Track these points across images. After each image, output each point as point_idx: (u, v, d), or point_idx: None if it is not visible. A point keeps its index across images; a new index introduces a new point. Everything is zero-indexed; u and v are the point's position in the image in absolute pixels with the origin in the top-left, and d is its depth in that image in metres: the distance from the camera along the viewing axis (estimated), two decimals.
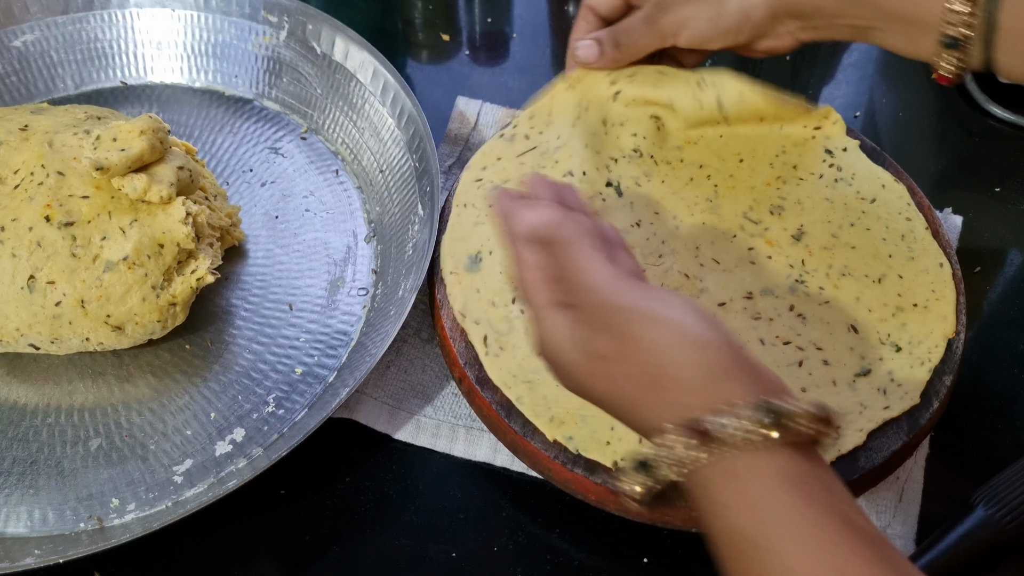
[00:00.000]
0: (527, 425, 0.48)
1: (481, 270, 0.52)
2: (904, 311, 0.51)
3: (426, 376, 0.55)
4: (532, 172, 0.54)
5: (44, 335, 0.52)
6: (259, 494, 0.51)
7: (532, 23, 0.78)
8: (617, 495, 0.42)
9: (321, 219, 0.62)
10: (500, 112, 0.68)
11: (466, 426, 0.53)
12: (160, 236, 0.52)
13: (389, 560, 0.49)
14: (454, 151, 0.66)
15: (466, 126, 0.66)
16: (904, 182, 0.57)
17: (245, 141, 0.66)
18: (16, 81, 0.68)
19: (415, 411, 0.54)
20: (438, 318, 0.52)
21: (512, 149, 0.57)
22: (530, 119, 0.59)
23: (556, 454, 0.47)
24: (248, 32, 0.69)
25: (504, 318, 0.51)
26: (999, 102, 0.70)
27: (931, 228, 0.55)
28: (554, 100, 0.59)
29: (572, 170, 0.56)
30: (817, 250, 0.54)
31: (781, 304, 0.52)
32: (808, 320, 0.51)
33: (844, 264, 0.53)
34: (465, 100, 0.68)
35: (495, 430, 0.50)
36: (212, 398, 0.54)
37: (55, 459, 0.52)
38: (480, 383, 0.49)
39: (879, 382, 0.49)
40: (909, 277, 0.53)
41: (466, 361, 0.50)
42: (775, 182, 0.57)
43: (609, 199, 0.55)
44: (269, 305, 0.58)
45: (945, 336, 0.50)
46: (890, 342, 0.50)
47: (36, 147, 0.53)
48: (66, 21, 0.69)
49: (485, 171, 0.56)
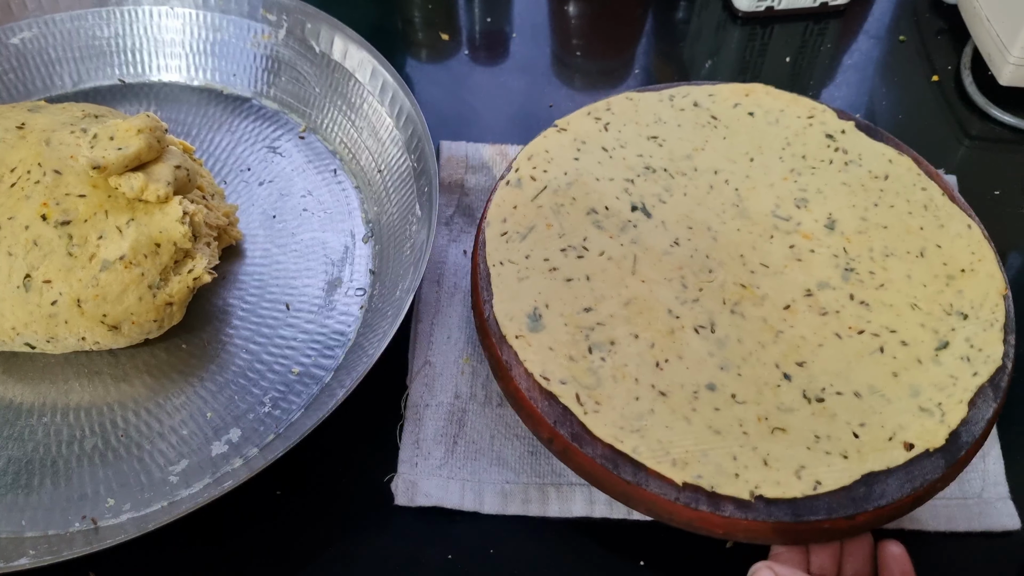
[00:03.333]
0: (638, 473, 0.45)
1: (545, 327, 0.50)
2: (955, 279, 0.52)
3: (497, 442, 0.52)
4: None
5: (40, 334, 0.52)
6: (255, 495, 0.51)
7: (532, 22, 0.78)
8: (747, 523, 0.43)
9: (319, 219, 0.62)
10: (488, 150, 0.66)
11: (555, 484, 0.51)
12: (157, 235, 0.52)
13: (385, 562, 0.49)
14: (452, 199, 0.64)
15: (458, 171, 0.65)
16: (907, 153, 0.59)
17: (243, 140, 0.66)
18: (14, 78, 0.67)
19: (496, 479, 0.51)
20: (509, 380, 0.49)
21: (524, 194, 0.56)
22: (529, 159, 0.58)
23: (677, 496, 0.45)
24: (247, 30, 0.68)
25: (588, 371, 0.49)
26: (999, 105, 0.70)
27: (946, 193, 0.56)
28: (548, 140, 0.59)
29: (594, 207, 0.56)
30: (853, 235, 0.55)
31: (841, 295, 0.52)
32: (871, 306, 0.52)
33: (884, 245, 0.54)
34: (448, 144, 0.66)
35: (600, 484, 0.47)
36: (208, 398, 0.54)
37: (50, 458, 0.52)
38: (576, 440, 0.47)
39: (960, 351, 0.49)
40: (946, 244, 0.54)
41: (555, 420, 0.47)
42: (791, 175, 0.58)
43: (640, 223, 0.55)
44: (266, 305, 0.58)
45: (1000, 293, 0.52)
46: (955, 311, 0.51)
47: (33, 145, 0.53)
48: (64, 18, 0.68)
49: (506, 223, 0.55)
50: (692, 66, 0.75)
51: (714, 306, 0.51)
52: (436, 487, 0.51)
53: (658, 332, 0.50)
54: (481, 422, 0.53)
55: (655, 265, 0.53)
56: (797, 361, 0.49)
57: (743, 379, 0.49)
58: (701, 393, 0.48)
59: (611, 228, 0.55)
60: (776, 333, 0.50)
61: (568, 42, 0.77)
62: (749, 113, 0.61)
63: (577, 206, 0.56)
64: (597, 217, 0.55)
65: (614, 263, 0.53)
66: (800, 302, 0.52)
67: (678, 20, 0.79)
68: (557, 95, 0.72)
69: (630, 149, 0.59)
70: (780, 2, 0.76)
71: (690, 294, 0.52)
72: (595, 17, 0.79)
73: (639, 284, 0.52)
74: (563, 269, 0.53)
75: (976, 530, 0.50)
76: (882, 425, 0.47)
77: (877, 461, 0.46)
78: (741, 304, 0.52)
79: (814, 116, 0.61)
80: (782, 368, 0.49)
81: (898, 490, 0.45)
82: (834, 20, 0.78)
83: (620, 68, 0.75)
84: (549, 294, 0.52)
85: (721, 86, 0.63)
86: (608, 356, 0.49)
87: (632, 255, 0.54)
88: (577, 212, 0.56)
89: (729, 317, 0.51)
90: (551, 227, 0.55)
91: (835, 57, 0.76)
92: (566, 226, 0.55)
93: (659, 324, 0.51)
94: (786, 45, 0.76)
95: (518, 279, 0.52)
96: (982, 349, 0.49)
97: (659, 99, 0.62)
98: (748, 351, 0.50)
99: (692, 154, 0.59)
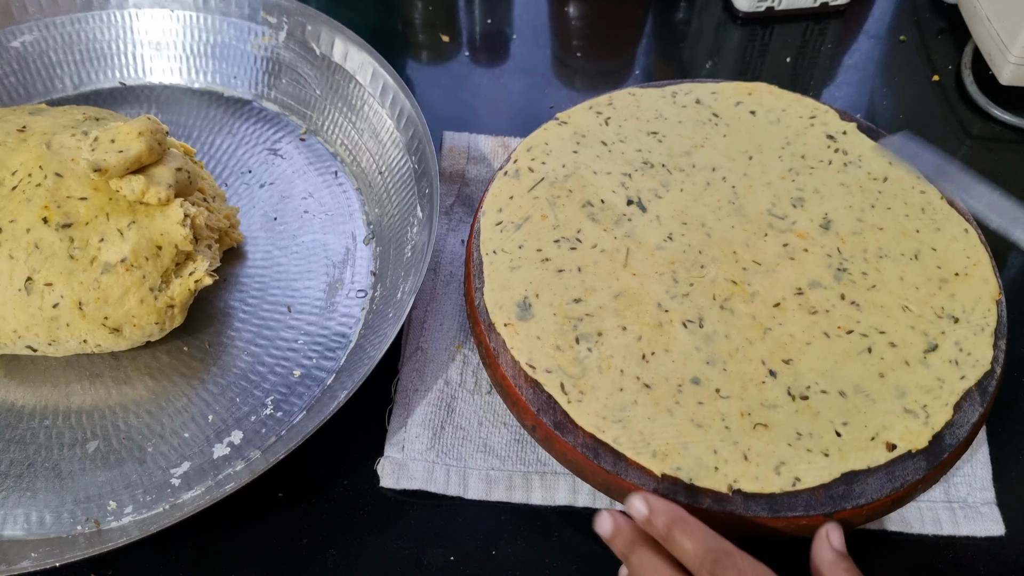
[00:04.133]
0: (619, 463, 0.46)
1: (534, 316, 0.51)
2: (948, 282, 0.53)
3: (484, 429, 0.53)
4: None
5: (41, 337, 0.52)
6: (257, 497, 0.51)
7: (532, 24, 0.78)
8: (724, 516, 0.43)
9: (320, 221, 0.62)
10: (490, 142, 0.67)
11: (539, 472, 0.51)
12: (158, 238, 0.52)
13: (387, 564, 0.49)
14: (452, 189, 0.64)
15: (459, 161, 0.65)
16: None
17: (244, 142, 0.66)
18: (15, 82, 0.67)
19: (482, 466, 0.52)
20: (496, 368, 0.50)
21: (521, 185, 0.57)
22: (528, 151, 0.59)
23: (656, 487, 0.45)
24: (247, 33, 0.68)
25: (574, 361, 0.49)
26: (1000, 104, 0.70)
27: (945, 196, 0.56)
28: (548, 133, 0.60)
29: (590, 199, 0.56)
30: (848, 236, 0.55)
31: (832, 294, 0.52)
32: (862, 307, 0.52)
33: (878, 246, 0.54)
34: (451, 134, 0.67)
35: (581, 473, 0.48)
36: (210, 400, 0.54)
37: (52, 461, 0.52)
38: (559, 428, 0.48)
39: (949, 354, 0.50)
40: (942, 248, 0.54)
41: (538, 408, 0.48)
42: (788, 175, 0.58)
43: (635, 217, 0.55)
44: (267, 307, 0.58)
45: (993, 299, 0.52)
46: (946, 315, 0.51)
47: (34, 148, 0.53)
48: (65, 21, 0.68)
49: (502, 212, 0.56)
50: (692, 67, 0.75)
51: (704, 301, 0.52)
52: (422, 470, 0.51)
53: (646, 325, 0.50)
54: (469, 409, 0.54)
55: (647, 259, 0.53)
56: (784, 359, 0.49)
57: (728, 374, 0.49)
58: (685, 387, 0.48)
59: (605, 221, 0.55)
60: (764, 330, 0.51)
61: (568, 43, 0.77)
62: (751, 112, 0.61)
63: (573, 198, 0.56)
64: (592, 210, 0.56)
65: (606, 256, 0.53)
66: (790, 300, 0.52)
67: (678, 21, 0.79)
68: (557, 96, 0.72)
69: (629, 144, 0.59)
70: (780, 2, 0.76)
71: (680, 289, 0.52)
72: (595, 18, 0.79)
73: (630, 277, 0.53)
74: (555, 260, 0.53)
75: (960, 534, 0.49)
76: (865, 425, 0.47)
77: (858, 460, 0.46)
78: (731, 300, 0.52)
79: (816, 116, 0.61)
80: (768, 365, 0.49)
81: (878, 490, 0.46)
82: (834, 20, 0.78)
83: (620, 69, 0.75)
84: (540, 284, 0.52)
85: (724, 84, 0.63)
86: (595, 347, 0.50)
87: (625, 248, 0.54)
88: (573, 204, 0.56)
89: (718, 313, 0.51)
90: (546, 218, 0.55)
91: (835, 57, 0.76)
92: (561, 218, 0.55)
93: (648, 317, 0.51)
94: (786, 45, 0.76)
95: (510, 268, 0.53)
96: (971, 353, 0.50)
97: (661, 95, 0.62)
98: (735, 347, 0.50)
99: (691, 151, 0.59)
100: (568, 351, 0.50)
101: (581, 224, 0.55)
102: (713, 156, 0.59)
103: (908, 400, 0.48)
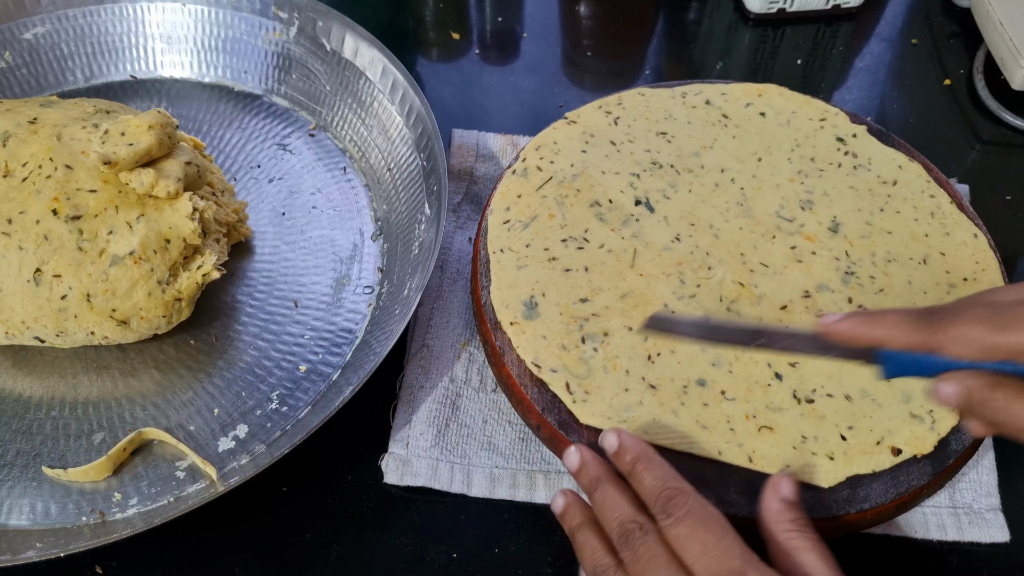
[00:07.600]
0: None
1: (540, 315, 0.51)
2: (956, 287, 0.52)
3: (489, 427, 0.53)
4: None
5: (49, 328, 0.52)
6: (261, 491, 0.51)
7: (543, 22, 0.78)
8: (727, 516, 0.43)
9: (328, 216, 0.62)
10: (499, 140, 0.67)
11: (543, 471, 0.51)
12: (166, 231, 0.52)
13: (390, 559, 0.49)
14: (460, 186, 0.64)
15: (468, 159, 0.65)
16: (917, 159, 0.58)
17: (253, 137, 0.66)
18: (26, 73, 0.68)
19: (486, 464, 0.52)
20: (501, 366, 0.50)
21: (529, 184, 0.57)
22: (537, 150, 0.59)
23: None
24: (258, 28, 0.69)
25: (580, 360, 0.49)
26: (1011, 109, 0.70)
27: (955, 201, 0.56)
28: (557, 132, 0.60)
29: (598, 199, 0.56)
30: (856, 239, 0.54)
31: (839, 298, 0.52)
32: (869, 310, 0.51)
33: (887, 250, 0.54)
34: (460, 132, 0.67)
35: None
36: (216, 394, 0.54)
37: (58, 452, 0.52)
38: (564, 428, 0.48)
39: None
40: (950, 252, 0.54)
41: (543, 407, 0.48)
42: (797, 177, 0.58)
43: (643, 218, 0.55)
44: (274, 302, 0.58)
45: None
46: None
47: (45, 140, 0.53)
48: (77, 14, 0.69)
49: (509, 211, 0.56)
50: (703, 67, 0.75)
51: (710, 303, 0.52)
52: (426, 467, 0.51)
53: None
54: (474, 407, 0.54)
55: (654, 260, 0.53)
56: (790, 361, 0.49)
57: (734, 376, 0.49)
58: (691, 388, 0.48)
59: (613, 221, 0.55)
60: None
61: (579, 42, 0.77)
62: (760, 113, 0.61)
63: (581, 198, 0.56)
64: (600, 210, 0.56)
65: (614, 256, 0.53)
66: (797, 303, 0.52)
67: (689, 21, 0.79)
68: (567, 95, 0.72)
69: (638, 144, 0.59)
70: (792, 4, 0.76)
71: (687, 290, 0.52)
72: (606, 17, 0.79)
73: (637, 278, 0.52)
74: (562, 259, 0.53)
75: (965, 540, 0.49)
76: (871, 429, 0.47)
77: (863, 464, 0.46)
78: (738, 302, 0.52)
79: (826, 119, 0.61)
80: (774, 367, 0.49)
81: (883, 494, 0.45)
82: (846, 23, 0.78)
83: (630, 69, 0.75)
84: (546, 283, 0.52)
85: (734, 85, 0.63)
86: (601, 347, 0.50)
87: (632, 249, 0.54)
88: (581, 204, 0.56)
89: (725, 314, 0.51)
90: (553, 217, 0.55)
91: (846, 60, 0.75)
92: (568, 217, 0.55)
93: None
94: (797, 47, 0.76)
95: (517, 267, 0.53)
96: None
97: (671, 95, 0.62)
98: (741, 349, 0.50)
99: (700, 151, 0.59)
100: (574, 351, 0.50)
101: (589, 224, 0.55)
102: (722, 157, 0.59)
103: (914, 405, 0.48)
